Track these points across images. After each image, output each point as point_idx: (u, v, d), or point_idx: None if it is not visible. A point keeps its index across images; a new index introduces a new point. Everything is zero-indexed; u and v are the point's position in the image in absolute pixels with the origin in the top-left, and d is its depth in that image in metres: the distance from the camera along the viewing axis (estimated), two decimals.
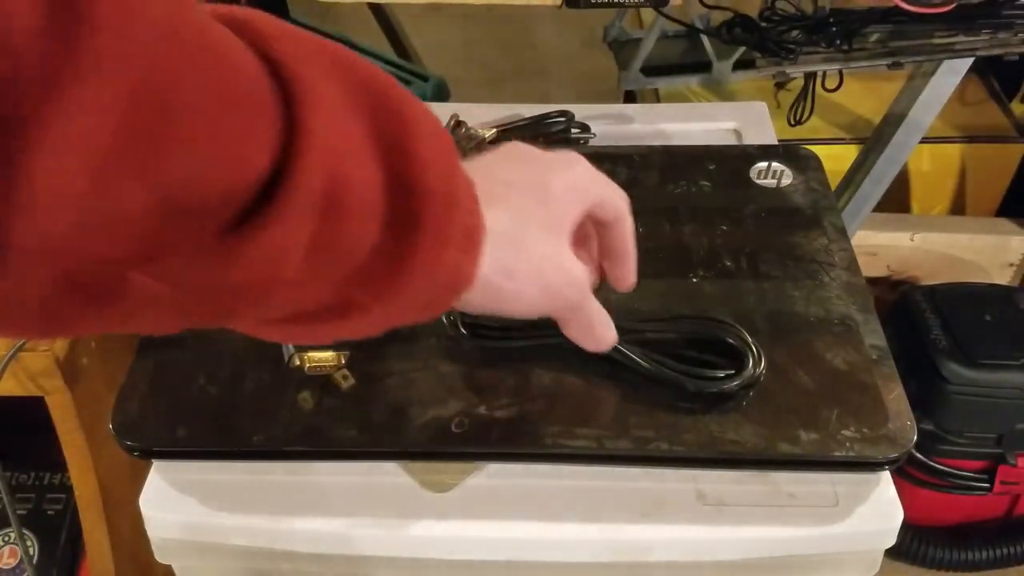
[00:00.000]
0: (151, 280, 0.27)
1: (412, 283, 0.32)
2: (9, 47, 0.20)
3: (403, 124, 0.31)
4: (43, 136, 0.21)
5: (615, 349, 0.50)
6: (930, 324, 1.07)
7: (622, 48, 1.09)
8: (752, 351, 0.52)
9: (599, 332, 0.45)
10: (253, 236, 0.27)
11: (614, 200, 0.43)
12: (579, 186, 0.41)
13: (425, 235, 0.32)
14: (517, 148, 0.42)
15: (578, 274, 0.41)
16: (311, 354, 0.53)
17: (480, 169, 0.36)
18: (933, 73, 1.03)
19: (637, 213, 0.46)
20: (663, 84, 1.11)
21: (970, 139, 1.26)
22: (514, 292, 0.38)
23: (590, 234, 0.45)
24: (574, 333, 0.45)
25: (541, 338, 0.53)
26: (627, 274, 0.46)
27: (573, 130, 0.73)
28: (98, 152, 0.22)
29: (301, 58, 0.28)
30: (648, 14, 1.15)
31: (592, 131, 0.74)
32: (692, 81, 1.08)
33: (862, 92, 1.26)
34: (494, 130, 0.71)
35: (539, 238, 0.39)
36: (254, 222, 0.27)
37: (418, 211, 0.31)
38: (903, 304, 1.13)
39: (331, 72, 0.29)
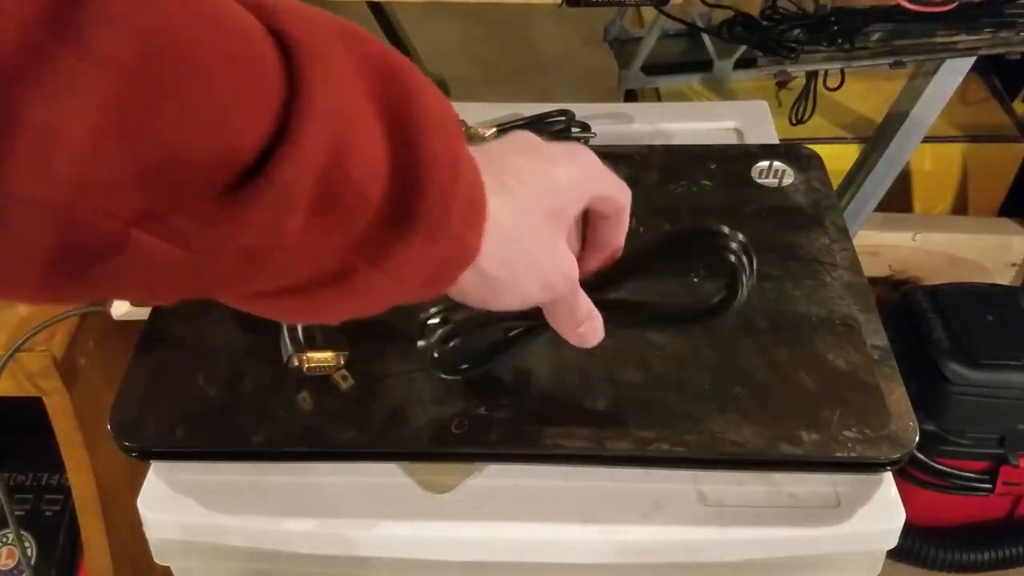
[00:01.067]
0: (154, 239, 0.27)
1: (414, 251, 0.32)
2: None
3: (408, 93, 0.31)
4: (47, 86, 0.22)
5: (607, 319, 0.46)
6: (932, 324, 1.07)
7: (623, 47, 1.09)
8: (738, 261, 0.45)
9: (584, 329, 0.45)
10: (254, 197, 0.27)
11: (616, 194, 0.43)
12: (583, 180, 0.41)
13: (428, 201, 0.31)
14: (523, 137, 0.42)
15: (570, 268, 0.42)
16: (310, 354, 0.53)
17: (486, 156, 0.36)
18: (935, 72, 1.03)
19: (638, 213, 0.46)
20: (664, 83, 1.11)
21: (972, 138, 1.25)
22: (509, 283, 0.38)
23: (578, 220, 0.45)
24: (557, 324, 0.45)
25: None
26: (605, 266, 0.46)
27: (573, 129, 0.73)
28: (102, 106, 0.23)
29: (306, 27, 0.28)
30: (649, 13, 1.15)
31: (592, 130, 0.73)
32: (693, 80, 1.08)
33: (864, 91, 1.25)
34: (494, 129, 0.71)
35: (539, 231, 0.39)
36: (255, 183, 0.27)
37: (422, 178, 0.31)
38: (905, 304, 1.13)
39: (336, 41, 0.30)
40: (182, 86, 0.24)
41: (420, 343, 0.46)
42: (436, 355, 0.48)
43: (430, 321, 0.47)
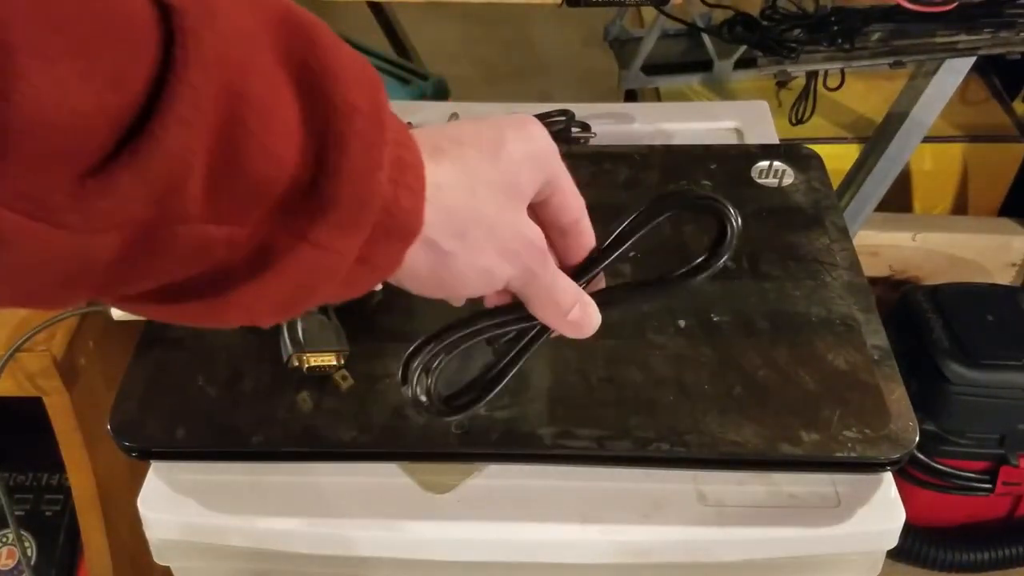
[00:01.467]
0: (27, 220, 0.23)
1: (341, 215, 0.29)
2: None
3: (317, 46, 0.28)
4: None
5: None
6: (932, 324, 1.07)
7: (623, 47, 1.09)
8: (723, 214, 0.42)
9: (575, 316, 0.39)
10: (136, 158, 0.24)
11: (571, 197, 0.38)
12: (537, 153, 0.37)
13: (351, 155, 0.28)
14: (468, 117, 0.38)
15: (534, 234, 0.37)
16: (310, 354, 0.53)
17: (424, 130, 0.34)
18: (935, 72, 1.03)
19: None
20: (664, 83, 1.11)
21: (972, 138, 1.26)
22: (466, 256, 0.34)
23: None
24: (542, 313, 0.39)
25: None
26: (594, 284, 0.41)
27: (573, 129, 0.73)
28: None
29: None
30: (649, 13, 1.15)
31: (593, 130, 0.73)
32: (693, 80, 1.08)
33: (864, 91, 1.25)
34: None
35: (489, 196, 0.35)
36: (135, 142, 0.24)
37: (341, 130, 0.28)
38: (905, 304, 1.13)
39: None
40: (40, 37, 0.22)
41: (403, 388, 0.40)
42: (423, 396, 0.40)
43: (411, 364, 0.40)
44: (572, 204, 0.39)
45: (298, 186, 0.28)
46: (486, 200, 0.34)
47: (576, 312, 0.39)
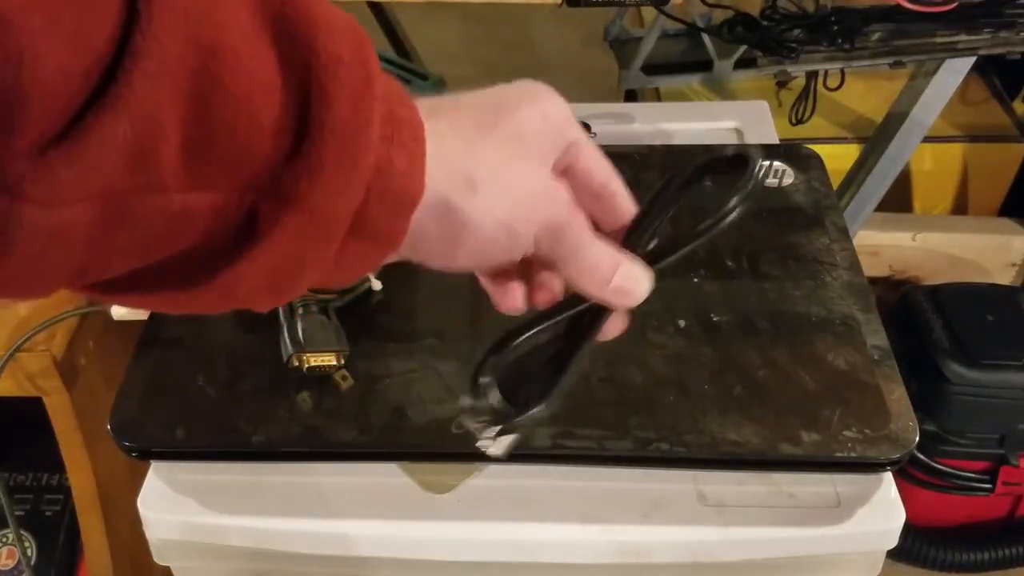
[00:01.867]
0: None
1: (328, 175, 0.26)
2: None
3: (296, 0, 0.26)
4: None
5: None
6: (932, 324, 1.07)
7: (623, 47, 1.09)
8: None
9: (619, 281, 0.34)
10: (100, 120, 0.22)
11: (596, 159, 0.35)
12: (546, 115, 0.34)
13: (336, 109, 0.26)
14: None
15: (556, 190, 0.33)
16: (310, 354, 0.53)
17: (419, 99, 0.31)
18: (935, 72, 1.03)
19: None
20: (664, 83, 1.11)
21: (972, 138, 1.25)
22: (479, 211, 0.31)
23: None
24: (581, 281, 0.35)
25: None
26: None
27: None
28: None
29: None
30: (649, 13, 1.15)
31: (593, 130, 0.73)
32: (693, 80, 1.08)
33: (864, 91, 1.25)
34: None
35: (495, 149, 0.32)
36: (97, 108, 0.22)
37: (325, 82, 0.26)
38: (905, 304, 1.13)
39: None
40: None
41: (479, 441, 0.39)
42: (480, 418, 0.38)
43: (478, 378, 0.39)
44: (599, 166, 0.35)
45: (280, 146, 0.26)
46: (490, 153, 0.32)
47: (619, 277, 0.35)
